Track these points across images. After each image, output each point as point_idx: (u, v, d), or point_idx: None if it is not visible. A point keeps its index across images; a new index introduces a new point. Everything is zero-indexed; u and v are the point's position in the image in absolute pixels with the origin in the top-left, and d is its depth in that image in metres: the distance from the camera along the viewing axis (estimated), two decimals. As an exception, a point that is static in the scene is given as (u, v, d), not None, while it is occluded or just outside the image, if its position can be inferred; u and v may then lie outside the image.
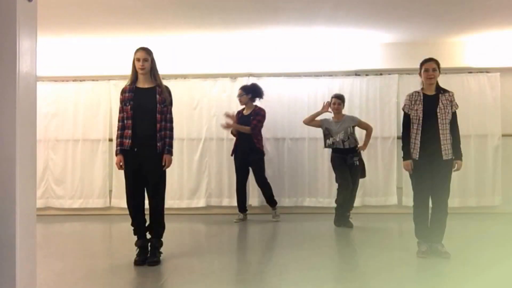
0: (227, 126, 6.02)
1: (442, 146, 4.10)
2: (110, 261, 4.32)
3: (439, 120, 4.11)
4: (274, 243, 5.15)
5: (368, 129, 5.76)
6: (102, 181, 6.83)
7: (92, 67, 6.80)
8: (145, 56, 3.97)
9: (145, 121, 3.95)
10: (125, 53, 5.36)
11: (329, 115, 5.82)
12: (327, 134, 5.70)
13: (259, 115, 6.01)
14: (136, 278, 3.71)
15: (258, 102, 6.18)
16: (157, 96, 3.98)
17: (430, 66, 4.18)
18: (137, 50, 4.00)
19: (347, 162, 5.58)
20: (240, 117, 6.09)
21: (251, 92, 6.08)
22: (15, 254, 2.30)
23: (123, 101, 4.01)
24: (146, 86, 4.03)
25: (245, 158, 6.03)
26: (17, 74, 2.33)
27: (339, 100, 5.71)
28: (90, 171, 6.85)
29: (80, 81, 6.91)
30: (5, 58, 2.31)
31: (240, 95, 6.09)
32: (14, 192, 2.30)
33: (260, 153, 6.02)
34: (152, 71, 4.02)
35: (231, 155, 6.20)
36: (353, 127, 5.67)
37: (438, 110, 4.13)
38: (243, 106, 6.17)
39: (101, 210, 6.81)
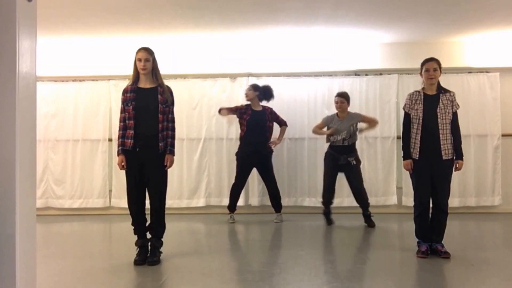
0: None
1: (442, 146, 4.10)
2: (110, 261, 4.31)
3: (439, 120, 4.11)
4: (273, 243, 5.15)
5: (372, 122, 5.73)
6: (102, 181, 6.83)
7: (92, 67, 6.80)
8: (147, 56, 3.96)
9: (147, 121, 3.95)
10: (125, 53, 5.38)
11: (332, 114, 5.86)
12: None
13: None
14: (136, 278, 3.72)
15: (264, 102, 6.09)
16: (159, 96, 3.98)
17: (431, 66, 4.18)
18: (139, 50, 4.00)
19: (339, 162, 5.58)
20: (251, 111, 5.95)
21: (260, 91, 6.01)
22: (15, 254, 2.29)
23: (124, 101, 4.01)
24: (148, 86, 4.03)
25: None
26: (17, 74, 2.33)
27: (341, 98, 5.71)
28: (90, 171, 6.85)
29: (80, 81, 6.91)
30: (5, 58, 2.31)
31: (248, 90, 6.03)
32: (14, 192, 2.30)
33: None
34: (154, 71, 4.02)
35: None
36: (356, 124, 5.66)
37: (438, 110, 4.13)
38: (247, 103, 6.04)
39: (101, 210, 6.81)
